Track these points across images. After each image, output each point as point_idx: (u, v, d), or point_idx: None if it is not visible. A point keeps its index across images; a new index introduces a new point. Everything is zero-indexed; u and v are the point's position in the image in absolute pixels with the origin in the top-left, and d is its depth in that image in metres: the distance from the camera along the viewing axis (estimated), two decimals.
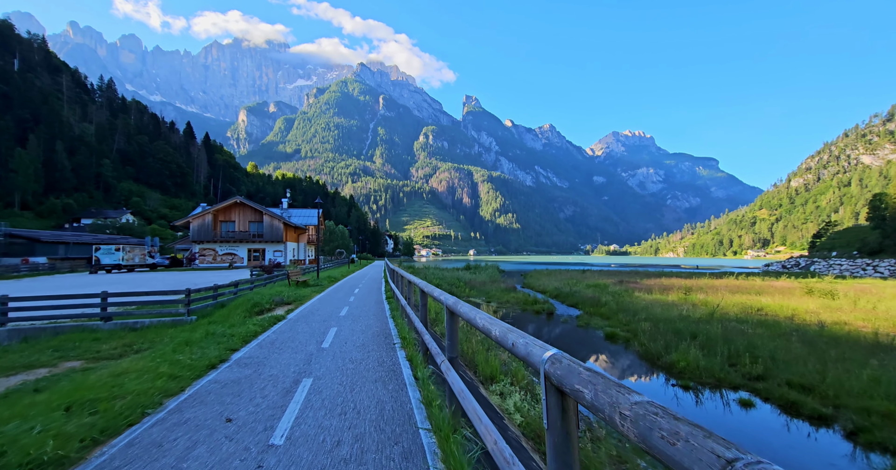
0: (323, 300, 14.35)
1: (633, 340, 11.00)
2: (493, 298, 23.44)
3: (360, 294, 16.68)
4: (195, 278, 24.54)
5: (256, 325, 8.91)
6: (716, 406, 6.52)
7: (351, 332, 8.43)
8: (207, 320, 10.09)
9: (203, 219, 39.09)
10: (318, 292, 17.44)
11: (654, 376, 8.29)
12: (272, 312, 11.94)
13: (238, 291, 15.21)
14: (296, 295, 15.12)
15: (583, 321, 14.70)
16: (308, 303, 13.52)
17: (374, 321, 9.70)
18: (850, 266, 55.50)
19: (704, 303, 16.65)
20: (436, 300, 4.63)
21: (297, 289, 17.94)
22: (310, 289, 18.55)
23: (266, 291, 15.94)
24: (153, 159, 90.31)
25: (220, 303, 12.99)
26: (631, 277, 33.26)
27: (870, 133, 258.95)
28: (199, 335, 7.83)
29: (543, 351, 1.70)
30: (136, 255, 33.02)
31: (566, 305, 19.82)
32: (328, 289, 19.55)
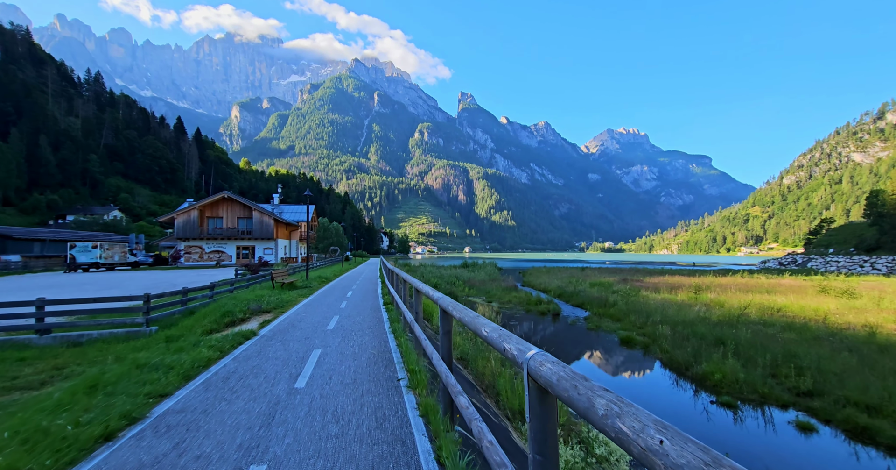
0: (309, 307, 12.20)
1: (652, 345, 10.13)
2: (494, 297, 22.55)
3: (354, 298, 14.50)
4: (176, 278, 23.23)
5: (213, 347, 6.71)
6: (770, 430, 5.64)
7: (339, 356, 6.37)
8: (164, 335, 8.18)
9: (189, 215, 37.44)
10: (306, 296, 15.22)
11: (685, 390, 7.41)
12: (246, 322, 10.04)
13: (214, 294, 13.33)
14: (278, 300, 13.00)
15: (592, 323, 13.83)
16: (291, 310, 11.53)
17: (369, 338, 7.69)
18: (848, 263, 55.38)
19: (718, 303, 15.85)
20: (471, 326, 2.71)
21: (282, 292, 15.74)
22: (296, 292, 16.33)
23: (244, 295, 13.90)
24: (142, 155, 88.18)
25: (189, 309, 11.13)
26: (633, 275, 32.53)
27: (861, 131, 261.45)
28: (123, 369, 5.48)
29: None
30: (115, 253, 31.41)
31: (572, 306, 18.96)
32: (317, 292, 17.27)
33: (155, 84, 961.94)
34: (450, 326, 3.55)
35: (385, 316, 10.25)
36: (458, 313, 3.04)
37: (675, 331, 10.77)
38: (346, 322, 9.53)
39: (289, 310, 11.73)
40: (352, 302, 13.46)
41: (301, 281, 20.91)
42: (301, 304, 13.16)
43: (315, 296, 15.64)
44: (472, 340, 8.17)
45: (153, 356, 6.16)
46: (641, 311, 14.27)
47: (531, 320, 15.75)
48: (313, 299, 14.43)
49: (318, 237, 58.76)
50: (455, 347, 7.11)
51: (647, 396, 7.36)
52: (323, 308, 11.98)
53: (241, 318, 10.34)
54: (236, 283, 16.36)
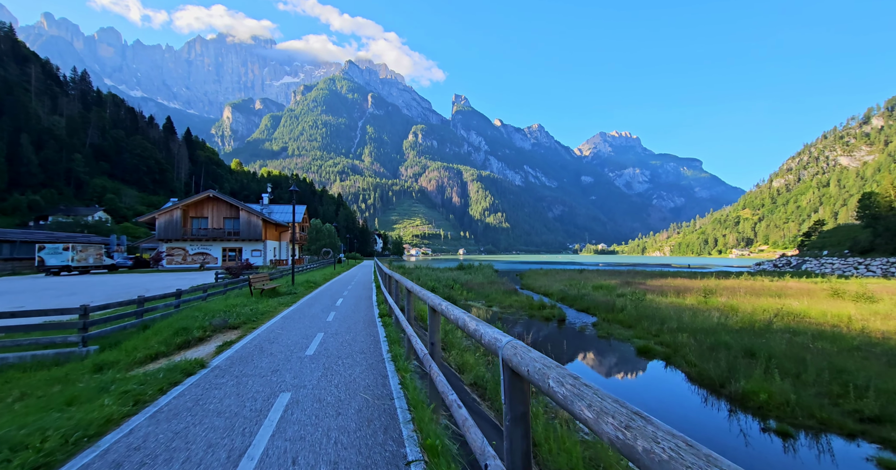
0: (289, 321, 10.07)
1: (674, 356, 9.24)
2: (493, 301, 21.64)
3: (344, 308, 12.36)
4: (152, 282, 21.78)
5: (127, 395, 4.53)
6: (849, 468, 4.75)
7: (315, 408, 4.29)
8: (95, 361, 6.36)
9: (171, 215, 35.61)
10: (288, 305, 13.17)
11: (720, 411, 6.51)
12: (204, 343, 8.01)
13: (181, 303, 11.55)
14: (252, 311, 10.95)
15: (602, 330, 12.94)
16: (265, 326, 9.38)
17: (361, 371, 5.59)
18: (842, 265, 55.38)
19: (731, 308, 15.07)
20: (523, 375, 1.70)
21: (261, 300, 13.61)
22: (278, 300, 14.18)
23: (214, 305, 11.69)
24: (130, 155, 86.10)
25: (145, 323, 9.28)
26: (634, 278, 31.82)
27: (847, 135, 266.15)
28: None
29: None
30: (89, 255, 29.55)
31: (576, 310, 18.09)
32: (302, 299, 14.96)
33: (145, 84, 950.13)
34: (521, 385, 1.81)
35: (381, 333, 8.39)
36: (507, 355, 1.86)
37: (697, 340, 9.90)
38: (331, 343, 7.42)
39: (262, 324, 9.61)
40: (341, 313, 11.42)
41: (285, 286, 18.72)
42: (280, 316, 11.03)
43: (299, 305, 13.50)
44: None
45: (28, 415, 4.03)
46: (654, 316, 13.42)
47: (536, 326, 14.82)
48: (296, 309, 12.27)
49: (310, 239, 57.38)
50: None
51: (678, 417, 6.46)
52: (305, 322, 9.89)
53: (199, 337, 8.26)
54: (211, 288, 14.52)
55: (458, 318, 2.82)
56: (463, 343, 8.27)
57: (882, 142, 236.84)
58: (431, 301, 3.76)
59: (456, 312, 2.93)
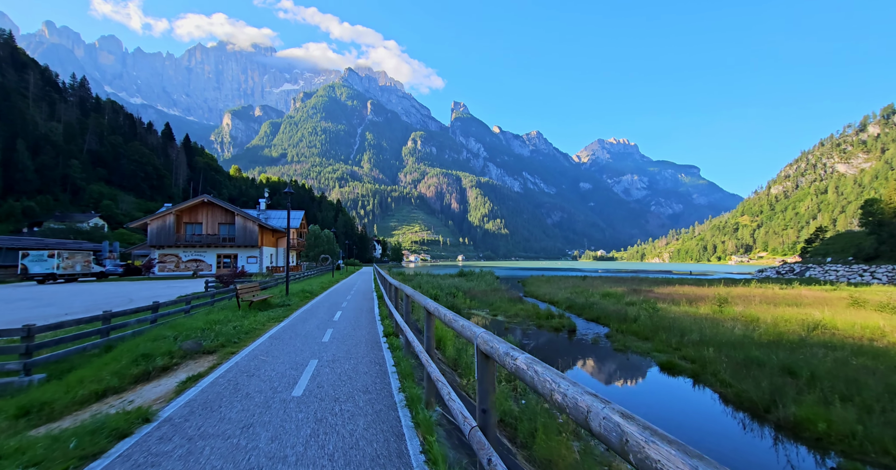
0: (277, 342, 8.44)
1: (703, 374, 8.49)
2: (498, 310, 20.86)
3: (343, 325, 10.67)
4: (139, 291, 20.76)
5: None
6: None
7: None
8: (26, 402, 4.90)
9: (164, 220, 34.45)
10: (279, 320, 11.48)
11: (773, 442, 5.75)
12: (169, 373, 6.48)
13: (158, 317, 10.03)
14: (236, 329, 9.42)
15: (618, 343, 12.19)
16: (247, 349, 7.74)
17: (367, 428, 4.13)
18: (847, 272, 54.77)
19: (750, 318, 14.34)
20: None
21: (249, 314, 12.00)
22: (268, 313, 12.57)
23: (191, 322, 9.93)
24: (127, 161, 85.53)
25: (110, 343, 7.81)
26: (640, 285, 31.09)
27: (844, 143, 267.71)
28: None
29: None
30: (77, 262, 28.35)
31: (586, 320, 17.33)
32: (296, 313, 13.31)
33: (145, 91, 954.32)
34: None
35: (388, 360, 6.81)
36: None
37: (725, 355, 9.16)
38: (326, 376, 5.83)
39: (244, 348, 7.94)
40: (340, 330, 9.80)
41: (279, 297, 16.95)
42: (267, 335, 9.31)
43: (291, 319, 11.79)
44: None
45: None
46: (671, 327, 12.67)
47: (545, 338, 14.06)
48: (287, 326, 10.58)
49: (308, 245, 56.53)
50: None
51: (716, 445, 5.70)
52: (297, 343, 8.30)
53: (164, 365, 6.65)
54: (196, 300, 13.15)
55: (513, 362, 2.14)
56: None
57: (879, 149, 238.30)
58: (479, 337, 2.60)
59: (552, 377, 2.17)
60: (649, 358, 10.41)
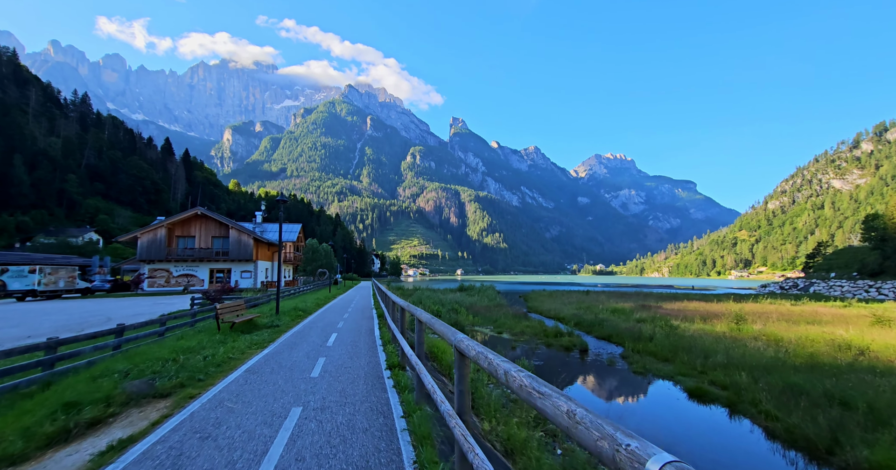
0: (253, 379, 6.78)
1: (739, 403, 7.69)
2: (503, 326, 20.00)
3: (338, 352, 8.99)
4: (122, 309, 19.55)
5: None
6: None
7: None
8: None
9: (154, 234, 33.27)
10: (261, 347, 9.72)
11: None
12: (96, 430, 4.78)
13: (121, 343, 8.59)
14: (206, 361, 7.74)
15: (636, 364, 11.36)
16: (212, 391, 6.13)
17: None
18: (852, 287, 54.04)
19: (773, 337, 13.56)
20: None
21: (229, 338, 10.33)
22: (251, 337, 10.81)
23: (155, 350, 8.48)
24: (126, 175, 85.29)
25: (51, 377, 6.34)
26: (646, 300, 30.27)
27: (838, 159, 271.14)
28: None
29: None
30: (60, 278, 27.06)
31: (596, 338, 16.49)
32: (284, 336, 11.55)
33: (147, 108, 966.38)
34: None
35: (395, 406, 5.33)
36: None
37: (757, 380, 8.36)
38: (311, 441, 4.26)
39: (210, 388, 6.23)
40: (333, 360, 8.14)
41: (268, 316, 15.21)
42: (243, 368, 7.52)
43: (277, 345, 10.00)
44: None
45: None
46: (691, 348, 11.87)
47: (555, 358, 13.20)
48: (271, 354, 8.82)
49: (305, 259, 55.61)
50: None
51: None
52: (278, 380, 6.63)
53: (94, 418, 4.89)
54: (173, 320, 11.64)
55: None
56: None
57: (873, 165, 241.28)
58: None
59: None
60: (673, 382, 9.59)
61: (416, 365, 4.82)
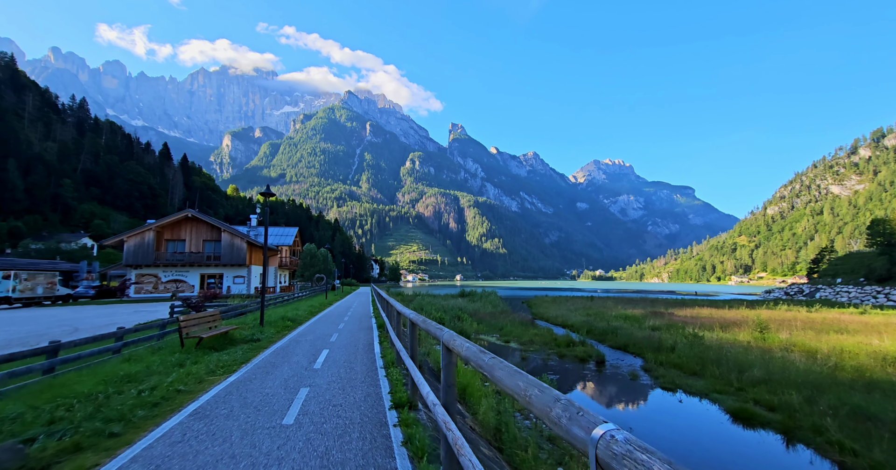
0: (195, 432, 4.68)
1: (797, 429, 6.68)
2: (509, 335, 18.98)
3: (327, 377, 7.20)
4: (97, 318, 17.95)
5: None
6: None
7: None
8: None
9: (142, 237, 31.71)
10: (229, 372, 7.62)
11: None
12: None
13: (56, 364, 6.85)
14: (141, 397, 5.78)
15: (662, 379, 10.36)
16: (117, 462, 3.93)
17: None
18: (859, 293, 53.14)
19: (803, 347, 12.58)
20: None
21: (191, 359, 8.35)
22: (220, 357, 8.78)
23: (82, 379, 6.59)
24: (122, 180, 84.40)
25: None
26: (655, 307, 29.26)
27: (836, 165, 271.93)
28: None
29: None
30: (38, 284, 25.60)
31: (611, 348, 15.47)
32: (263, 354, 9.47)
33: (147, 114, 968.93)
34: None
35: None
36: None
37: (814, 400, 7.37)
38: None
39: (117, 456, 4.10)
40: (320, 393, 6.14)
41: (250, 328, 13.25)
42: (188, 410, 5.45)
43: (249, 368, 7.92)
44: None
45: None
46: (721, 360, 10.88)
47: (571, 371, 12.17)
48: (234, 385, 6.63)
49: (302, 264, 54.49)
50: None
51: None
52: (233, 432, 4.67)
53: None
54: (132, 334, 9.83)
55: None
56: None
57: (871, 171, 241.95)
58: None
59: None
60: (710, 401, 8.59)
61: (445, 431, 2.96)
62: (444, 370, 3.35)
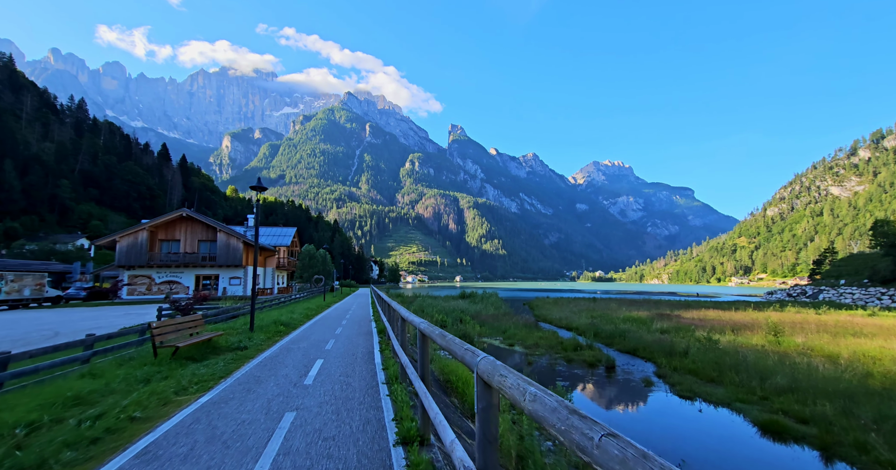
0: None
1: (837, 445, 6.16)
2: (513, 338, 18.44)
3: (318, 397, 6.10)
4: (78, 322, 16.94)
5: None
6: None
7: None
8: None
9: (135, 237, 30.80)
10: (203, 390, 6.43)
11: None
12: None
13: (4, 380, 5.83)
14: (80, 430, 4.43)
15: (679, 386, 9.83)
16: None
17: None
18: (863, 295, 52.67)
19: (822, 351, 12.05)
20: None
21: (157, 376, 7.03)
22: (194, 370, 7.55)
23: (24, 400, 5.39)
24: (120, 181, 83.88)
25: None
26: (659, 308, 28.75)
27: (836, 166, 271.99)
28: None
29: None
30: (26, 285, 24.75)
31: (620, 352, 14.94)
32: (246, 367, 8.17)
33: (146, 115, 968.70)
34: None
35: None
36: None
37: (850, 412, 6.85)
38: None
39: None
40: (308, 421, 5.02)
41: (238, 333, 12.24)
42: (136, 447, 4.20)
43: (229, 384, 6.77)
44: None
45: None
46: (740, 366, 10.35)
47: (581, 377, 11.64)
48: (205, 409, 5.51)
49: (301, 265, 53.89)
50: None
51: None
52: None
53: None
54: (105, 341, 8.62)
55: None
56: None
57: (871, 173, 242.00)
58: None
59: None
60: (733, 411, 8.06)
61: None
62: (481, 416, 2.18)
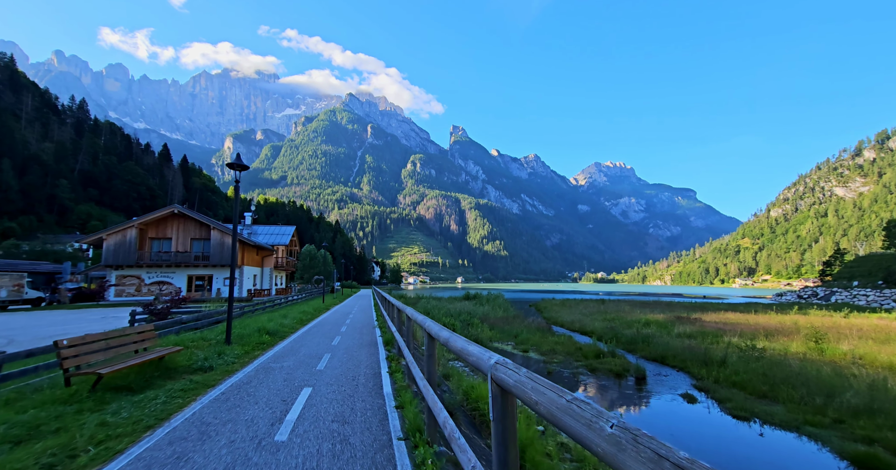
0: None
1: None
2: (527, 343, 17.26)
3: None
4: (46, 327, 15.04)
5: None
6: None
7: None
8: None
9: (123, 235, 29.04)
10: (105, 459, 3.64)
11: None
12: None
13: None
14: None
15: (729, 403, 8.66)
16: None
17: None
18: (878, 297, 51.33)
19: (877, 361, 10.86)
20: None
21: (54, 424, 4.43)
22: (118, 410, 5.00)
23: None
24: (120, 181, 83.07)
25: None
26: (675, 311, 27.53)
27: (840, 166, 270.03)
28: None
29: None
30: (2, 286, 23.33)
31: (645, 359, 13.74)
32: (197, 404, 5.47)
33: (149, 117, 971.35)
34: None
35: None
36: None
37: None
38: None
39: None
40: None
41: (211, 346, 9.75)
42: None
43: (151, 444, 4.04)
44: None
45: None
46: (794, 379, 9.16)
47: (610, 390, 10.47)
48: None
49: (301, 266, 52.82)
50: None
51: None
52: None
53: None
54: (19, 362, 6.57)
55: None
56: None
57: (876, 173, 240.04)
58: None
59: None
60: (804, 436, 6.88)
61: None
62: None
